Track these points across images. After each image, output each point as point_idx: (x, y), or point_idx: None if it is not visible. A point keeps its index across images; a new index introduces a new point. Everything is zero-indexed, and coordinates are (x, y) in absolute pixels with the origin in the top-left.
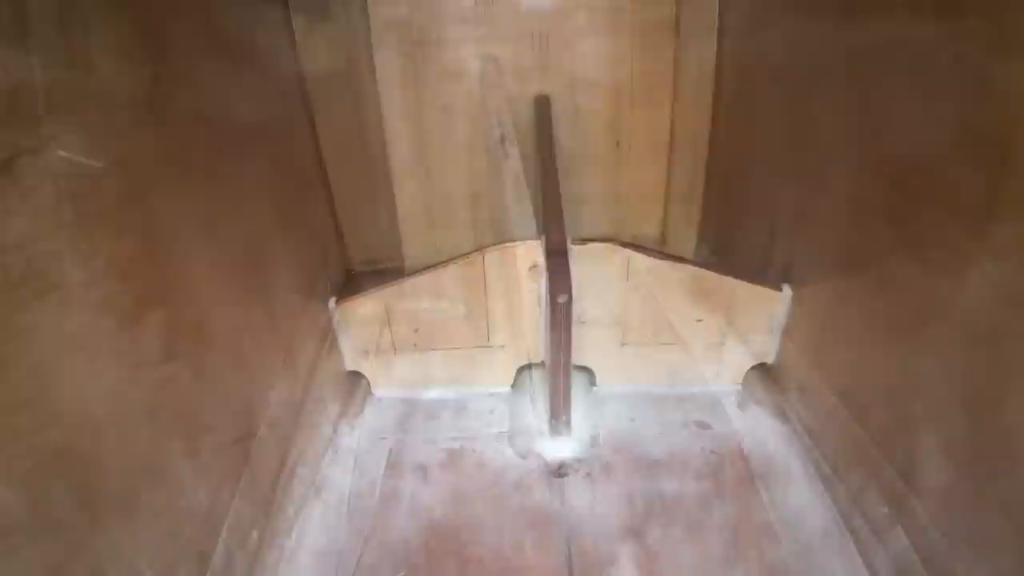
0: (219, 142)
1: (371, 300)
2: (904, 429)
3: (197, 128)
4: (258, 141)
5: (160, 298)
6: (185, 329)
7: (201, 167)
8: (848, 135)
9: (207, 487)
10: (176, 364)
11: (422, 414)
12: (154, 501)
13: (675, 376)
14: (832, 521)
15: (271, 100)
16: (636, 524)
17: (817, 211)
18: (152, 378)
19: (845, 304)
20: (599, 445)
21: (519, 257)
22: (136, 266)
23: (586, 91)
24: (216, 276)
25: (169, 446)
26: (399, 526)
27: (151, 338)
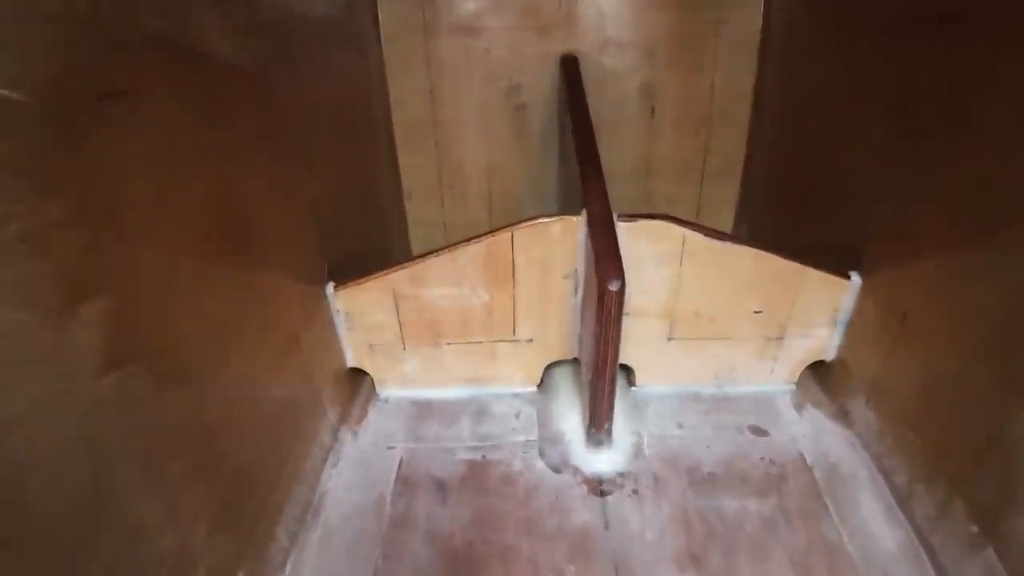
0: (192, 79)
1: (376, 285)
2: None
3: (161, 58)
4: (241, 83)
5: (101, 282)
6: (137, 324)
7: (162, 109)
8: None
9: (176, 525)
10: (125, 371)
11: (437, 418)
12: (104, 553)
13: (724, 375)
14: (907, 540)
15: (258, 37)
16: (693, 550)
17: (898, 189)
18: (91, 392)
19: (933, 295)
20: (644, 456)
21: (555, 235)
22: (67, 237)
23: (617, 51)
24: (180, 253)
25: (120, 480)
26: (413, 554)
27: (88, 338)
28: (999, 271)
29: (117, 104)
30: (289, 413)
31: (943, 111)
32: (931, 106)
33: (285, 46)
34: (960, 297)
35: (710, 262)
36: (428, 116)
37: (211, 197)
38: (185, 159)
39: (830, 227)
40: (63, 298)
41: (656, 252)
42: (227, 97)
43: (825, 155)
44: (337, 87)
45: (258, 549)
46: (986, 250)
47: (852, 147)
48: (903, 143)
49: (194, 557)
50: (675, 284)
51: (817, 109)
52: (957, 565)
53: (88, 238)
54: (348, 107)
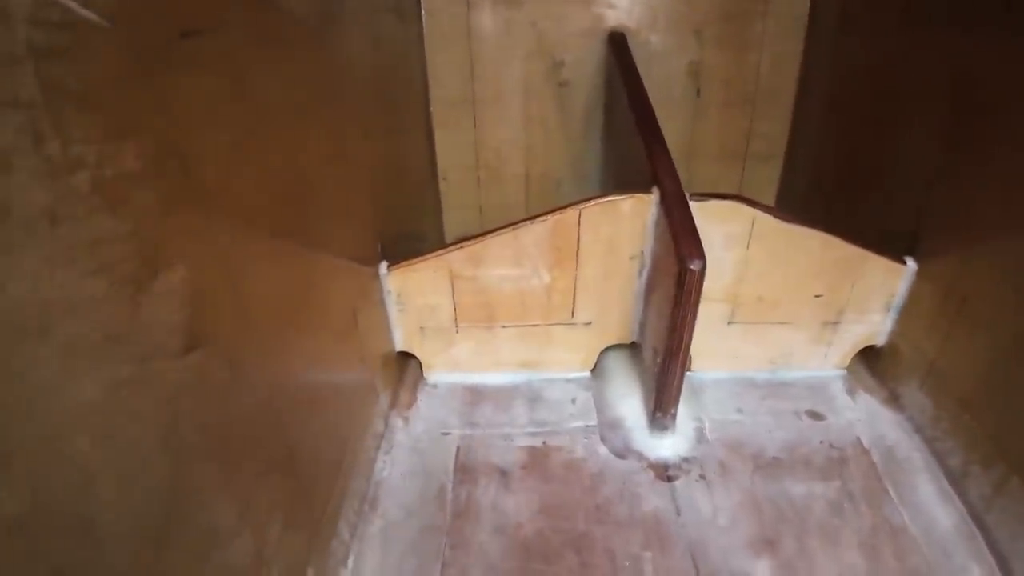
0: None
1: (430, 265)
2: None
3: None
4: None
5: (180, 248)
6: (213, 298)
7: (240, 55)
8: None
9: (252, 526)
10: (204, 353)
11: (490, 403)
12: (177, 566)
13: (780, 359)
14: (961, 520)
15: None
16: (767, 535)
17: (957, 173)
18: (168, 378)
19: (993, 280)
20: (707, 441)
21: (625, 214)
22: (144, 192)
23: (664, 29)
24: (252, 218)
25: (198, 479)
26: (482, 545)
27: (165, 313)
28: None
29: (196, 42)
30: (346, 399)
31: (1004, 95)
32: (992, 90)
33: (341, 5)
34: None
35: (777, 245)
36: (467, 93)
37: (281, 158)
38: (258, 111)
39: (883, 212)
40: (141, 265)
41: (724, 233)
42: (296, 51)
43: (878, 139)
44: (379, 58)
45: (323, 545)
46: None
47: (907, 131)
48: (962, 128)
49: (268, 560)
50: (741, 267)
51: (870, 92)
52: (1013, 541)
53: (168, 193)
54: (388, 80)
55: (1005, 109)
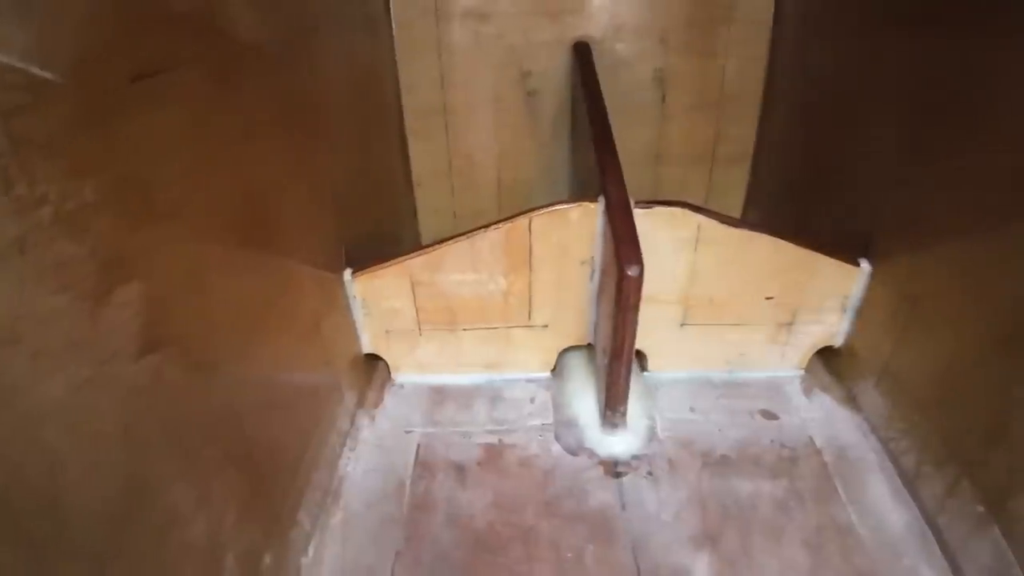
0: (218, 59)
1: (392, 272)
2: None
3: (189, 37)
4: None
5: (136, 265)
6: (170, 308)
7: (191, 89)
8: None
9: (207, 512)
10: (160, 356)
11: (452, 403)
12: (136, 544)
13: (736, 360)
14: (914, 520)
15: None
16: (709, 530)
17: (911, 179)
18: (129, 378)
19: (944, 281)
20: (658, 439)
21: (573, 221)
22: (101, 219)
23: (629, 37)
24: (209, 235)
25: (155, 468)
26: (435, 536)
27: (124, 322)
28: (1010, 258)
29: (149, 84)
30: (310, 398)
31: (957, 100)
32: (945, 95)
33: (304, 27)
34: (972, 284)
35: (725, 249)
36: (439, 102)
37: (237, 179)
38: (213, 140)
39: (840, 214)
40: (99, 281)
41: (672, 239)
42: (251, 78)
43: (837, 143)
44: (352, 71)
45: (282, 534)
46: (998, 238)
47: (864, 135)
48: (916, 132)
49: (223, 544)
50: (690, 271)
51: (830, 96)
52: (964, 544)
53: (122, 219)
54: (360, 93)
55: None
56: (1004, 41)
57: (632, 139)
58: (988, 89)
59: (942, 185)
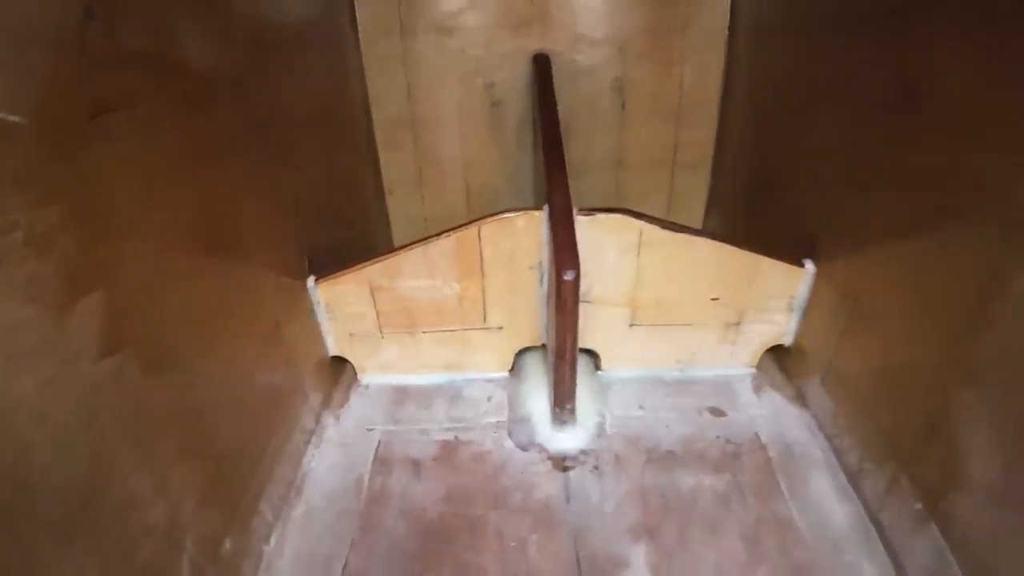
0: (174, 90)
1: (353, 278)
2: (949, 417)
3: (145, 73)
4: (221, 90)
5: (97, 278)
6: (129, 314)
7: (148, 120)
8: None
9: (165, 498)
10: (119, 357)
11: (414, 402)
12: (99, 521)
13: (686, 359)
14: (858, 517)
15: (236, 46)
16: (649, 522)
17: (849, 178)
18: (90, 376)
19: (881, 280)
20: (606, 434)
21: (519, 229)
22: (66, 239)
23: (589, 48)
24: (167, 248)
25: (116, 456)
26: (388, 527)
27: (86, 328)
28: (945, 257)
29: (107, 119)
30: (272, 398)
31: (892, 103)
32: (880, 98)
33: (262, 51)
34: (908, 283)
35: (668, 253)
36: (407, 114)
37: (195, 197)
38: (170, 163)
39: (789, 216)
40: (64, 293)
41: (616, 244)
42: (208, 104)
43: (786, 147)
44: (317, 87)
45: (243, 522)
46: (933, 237)
47: (809, 139)
48: (854, 134)
49: (183, 526)
50: (635, 274)
51: (779, 102)
52: (905, 541)
53: (84, 239)
54: (328, 106)
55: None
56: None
57: (594, 146)
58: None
59: (880, 186)
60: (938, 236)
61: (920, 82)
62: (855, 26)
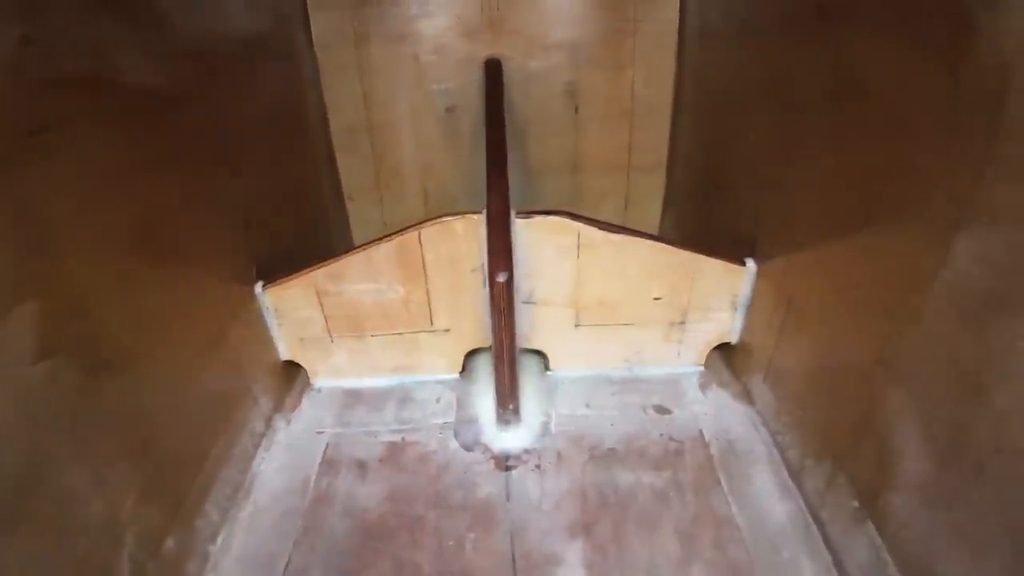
0: (110, 107)
1: (299, 283)
2: (879, 415)
3: (81, 93)
4: (160, 106)
5: (32, 287)
6: (65, 321)
7: (83, 137)
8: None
9: (103, 495)
10: (54, 361)
11: (364, 405)
12: (37, 515)
13: (632, 358)
14: (799, 514)
15: (178, 62)
16: (586, 520)
17: (784, 177)
18: (25, 378)
19: (814, 279)
20: (551, 433)
21: (459, 232)
22: (2, 251)
23: (541, 53)
24: (107, 259)
25: (53, 452)
26: (331, 527)
27: (21, 333)
28: (872, 255)
29: (43, 138)
30: (217, 402)
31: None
32: (810, 99)
33: (209, 65)
34: (838, 281)
35: (607, 253)
36: (363, 120)
37: (132, 209)
38: (106, 177)
39: (732, 216)
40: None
41: (555, 246)
42: (146, 119)
43: (729, 147)
44: (269, 97)
45: (186, 521)
46: (861, 236)
47: (749, 139)
48: (787, 135)
49: (122, 523)
50: (576, 275)
51: (723, 103)
52: (844, 538)
53: (20, 251)
54: (281, 115)
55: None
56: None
57: (549, 150)
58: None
59: (813, 185)
60: (866, 233)
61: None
62: (788, 26)
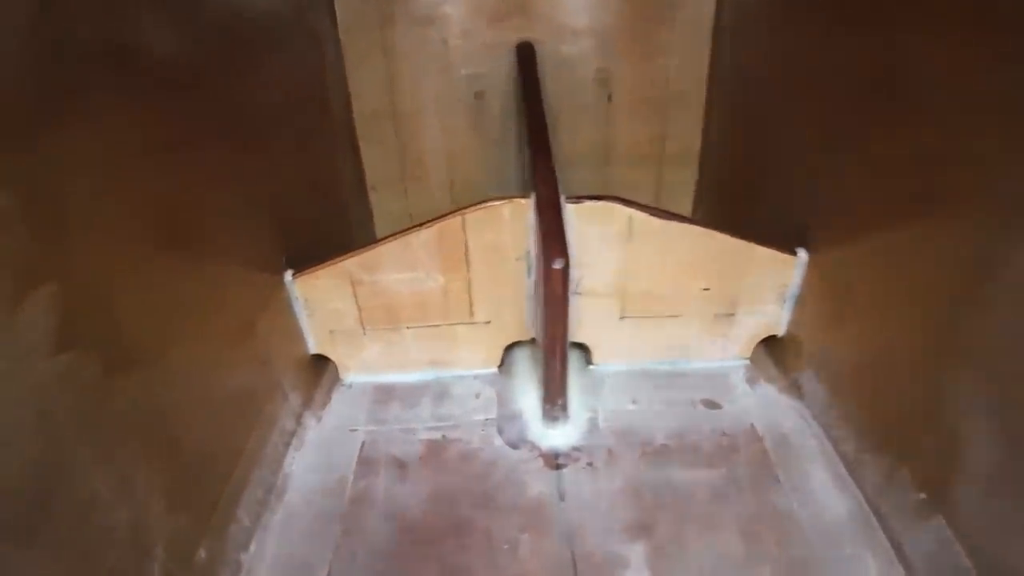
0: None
1: (332, 272)
2: (945, 405)
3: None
4: (186, 81)
5: (49, 269)
6: (85, 310)
7: (104, 107)
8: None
9: (129, 501)
10: (74, 354)
11: (398, 401)
12: (57, 525)
13: (677, 351)
14: (857, 509)
15: (203, 37)
16: (644, 519)
17: (837, 165)
18: (42, 372)
19: (869, 268)
20: (599, 430)
21: (506, 218)
22: (15, 227)
23: (572, 38)
24: (125, 242)
25: (72, 455)
26: (372, 531)
27: (38, 322)
28: (933, 243)
29: (64, 104)
30: (247, 398)
31: (877, 89)
32: (866, 85)
33: (234, 42)
34: (898, 269)
35: (657, 242)
36: (387, 107)
37: (156, 189)
38: (129, 154)
39: (778, 206)
40: (13, 284)
41: (604, 233)
42: (170, 94)
43: (773, 136)
44: (292, 80)
45: (219, 528)
46: (921, 223)
47: (797, 128)
48: (841, 122)
49: (150, 532)
50: (624, 264)
51: (766, 92)
52: (907, 530)
53: (37, 227)
54: (305, 100)
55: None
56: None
57: (579, 141)
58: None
59: (868, 173)
60: (927, 221)
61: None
62: (836, 12)
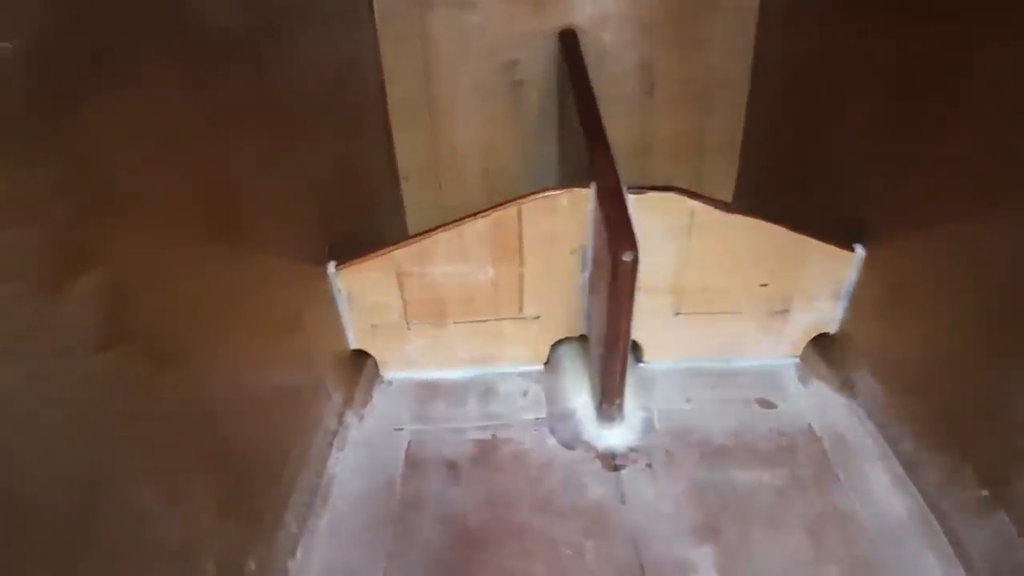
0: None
1: (378, 264)
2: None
3: (154, 23)
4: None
5: (95, 255)
6: (132, 301)
7: (155, 74)
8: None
9: (178, 512)
10: (121, 350)
11: (443, 399)
12: (105, 539)
13: (730, 349)
14: (917, 508)
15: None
16: (710, 522)
17: (896, 159)
18: (87, 371)
19: (931, 264)
20: (655, 431)
21: (564, 208)
22: (58, 206)
23: (615, 26)
24: (173, 226)
25: (119, 463)
26: (426, 536)
27: (83, 314)
28: (996, 237)
29: (110, 68)
30: (292, 396)
31: (938, 82)
32: (927, 77)
33: (280, 17)
34: (959, 265)
35: (718, 235)
36: (422, 95)
37: (204, 170)
38: (176, 132)
39: (831, 201)
40: (55, 270)
41: (665, 226)
42: (221, 68)
43: (825, 129)
44: (331, 62)
45: (268, 536)
46: (983, 217)
47: (851, 120)
48: (900, 115)
49: (201, 544)
50: (683, 258)
51: (817, 84)
52: (968, 529)
53: (80, 207)
54: (342, 84)
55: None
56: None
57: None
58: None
59: (929, 167)
60: (991, 217)
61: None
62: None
